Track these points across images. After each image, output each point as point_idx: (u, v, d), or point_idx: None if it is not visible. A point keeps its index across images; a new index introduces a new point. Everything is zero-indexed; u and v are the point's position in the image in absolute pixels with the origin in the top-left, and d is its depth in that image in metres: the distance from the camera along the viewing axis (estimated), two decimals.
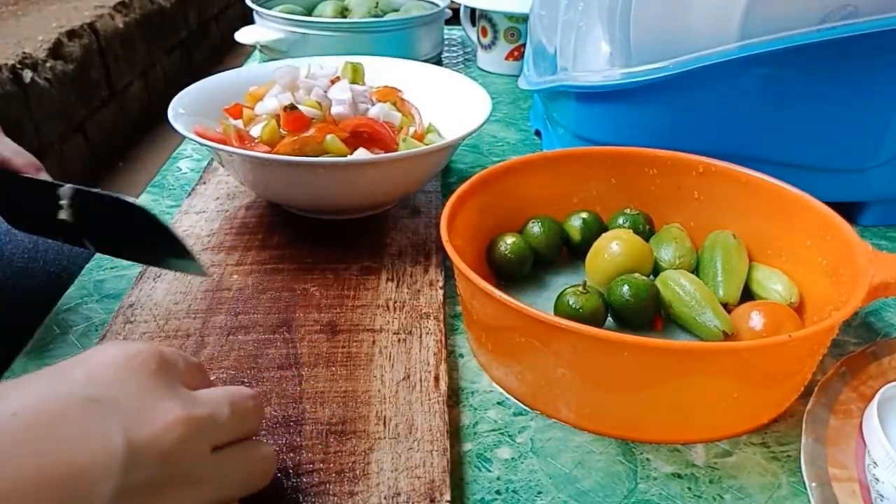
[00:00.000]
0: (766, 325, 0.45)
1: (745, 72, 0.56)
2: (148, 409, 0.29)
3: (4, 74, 1.83)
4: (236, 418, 0.32)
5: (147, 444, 0.28)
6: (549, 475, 0.39)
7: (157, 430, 0.28)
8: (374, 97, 0.63)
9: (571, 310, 0.45)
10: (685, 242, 0.53)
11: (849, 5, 0.53)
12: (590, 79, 0.61)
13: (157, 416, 0.29)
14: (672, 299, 0.47)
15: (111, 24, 2.44)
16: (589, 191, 0.57)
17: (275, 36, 0.95)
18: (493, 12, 1.00)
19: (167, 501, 0.28)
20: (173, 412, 0.29)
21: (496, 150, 0.79)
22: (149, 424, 0.28)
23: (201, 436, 0.30)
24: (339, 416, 0.41)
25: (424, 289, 0.52)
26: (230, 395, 0.33)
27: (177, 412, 0.29)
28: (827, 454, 0.39)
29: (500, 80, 1.02)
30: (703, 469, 0.40)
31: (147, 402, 0.29)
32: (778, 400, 0.43)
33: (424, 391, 0.43)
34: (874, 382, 0.44)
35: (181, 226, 0.60)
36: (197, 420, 0.30)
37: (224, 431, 0.31)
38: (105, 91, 2.37)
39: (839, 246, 0.46)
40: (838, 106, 0.58)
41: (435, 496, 0.36)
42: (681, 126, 0.60)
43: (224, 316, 0.49)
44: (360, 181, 0.56)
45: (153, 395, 0.29)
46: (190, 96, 0.61)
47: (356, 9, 1.04)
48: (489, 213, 0.53)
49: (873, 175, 0.62)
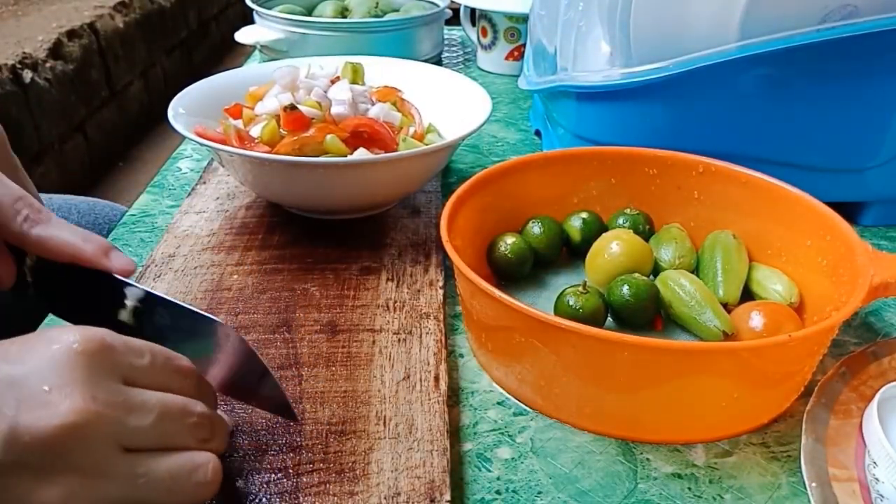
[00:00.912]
0: (766, 325, 0.45)
1: (745, 72, 0.56)
2: (46, 392, 0.28)
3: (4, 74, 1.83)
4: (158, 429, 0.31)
5: (29, 428, 0.27)
6: (549, 475, 0.39)
7: (44, 415, 0.28)
8: (374, 97, 0.63)
9: (571, 310, 0.45)
10: (685, 242, 0.53)
11: (849, 5, 0.53)
12: (590, 79, 0.61)
13: (52, 402, 0.28)
14: (672, 299, 0.47)
15: (111, 24, 2.44)
16: (589, 191, 0.57)
17: (275, 36, 0.95)
18: (493, 12, 1.00)
19: (57, 488, 0.28)
20: (70, 400, 0.28)
21: (496, 150, 0.79)
22: (39, 409, 0.28)
23: (103, 433, 0.29)
24: (339, 416, 0.41)
25: (424, 289, 0.52)
26: (162, 405, 0.31)
27: (74, 401, 0.28)
28: (827, 454, 0.39)
29: (500, 80, 1.02)
30: (703, 469, 0.40)
31: (49, 385, 0.29)
32: (778, 400, 0.43)
33: (424, 391, 0.43)
34: (874, 382, 0.44)
35: (181, 226, 0.60)
36: (98, 415, 0.29)
37: (138, 437, 0.30)
38: (105, 91, 2.37)
39: (839, 246, 0.46)
40: (838, 106, 0.58)
41: (435, 496, 0.36)
42: (681, 126, 0.60)
43: (224, 316, 0.49)
44: (360, 181, 0.56)
45: (62, 380, 0.29)
46: (190, 96, 0.61)
47: (356, 9, 1.04)
48: (489, 213, 0.53)
49: (873, 175, 0.62)
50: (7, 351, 0.30)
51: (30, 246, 0.38)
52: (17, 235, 0.37)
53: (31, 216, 0.37)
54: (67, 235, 0.38)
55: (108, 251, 0.39)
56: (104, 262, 0.38)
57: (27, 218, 0.37)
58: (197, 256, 0.56)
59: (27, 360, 0.29)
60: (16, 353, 0.30)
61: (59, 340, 0.30)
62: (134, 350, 0.32)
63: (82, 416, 0.28)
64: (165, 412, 0.31)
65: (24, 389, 0.28)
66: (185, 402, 0.33)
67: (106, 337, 0.31)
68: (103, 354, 0.31)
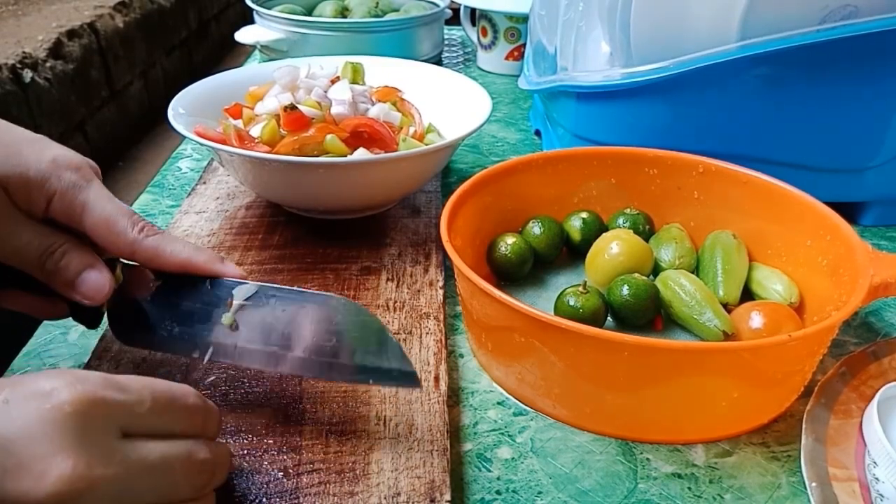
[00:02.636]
0: (766, 325, 0.45)
1: (745, 72, 0.56)
2: (34, 458, 0.26)
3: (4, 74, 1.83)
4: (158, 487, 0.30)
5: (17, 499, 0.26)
6: (549, 475, 0.39)
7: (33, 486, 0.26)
8: (374, 97, 0.63)
9: (571, 310, 0.45)
10: (685, 242, 0.53)
11: (849, 5, 0.53)
12: (590, 79, 0.61)
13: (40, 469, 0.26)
14: (672, 299, 0.47)
15: (111, 24, 2.44)
16: (589, 191, 0.57)
17: (275, 36, 0.95)
18: (493, 12, 1.00)
19: None
20: (60, 469, 0.26)
21: (496, 150, 0.79)
22: (26, 477, 0.26)
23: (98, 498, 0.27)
24: (339, 416, 0.41)
25: (424, 289, 0.52)
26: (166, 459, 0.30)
27: (65, 469, 0.26)
28: (827, 454, 0.39)
29: (500, 80, 1.02)
30: (703, 469, 0.40)
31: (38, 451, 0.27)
32: (778, 400, 0.43)
33: (424, 391, 0.43)
34: (874, 382, 0.44)
35: (181, 226, 0.60)
36: (94, 481, 0.27)
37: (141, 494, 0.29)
38: (105, 91, 2.37)
39: (839, 246, 0.46)
40: (838, 106, 0.58)
41: (435, 496, 0.36)
42: (681, 126, 0.60)
43: None
44: (360, 181, 0.56)
45: (53, 447, 0.27)
46: (190, 96, 0.61)
47: (356, 9, 1.04)
48: (489, 213, 0.53)
49: (873, 175, 0.62)
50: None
51: (142, 254, 0.40)
52: (131, 244, 0.39)
53: (147, 227, 0.40)
54: (181, 245, 0.41)
55: (222, 259, 0.42)
56: (219, 268, 0.41)
57: (143, 228, 0.40)
58: None
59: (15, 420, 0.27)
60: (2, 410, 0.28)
61: (50, 400, 0.28)
62: (132, 397, 0.30)
63: (74, 485, 0.27)
64: (167, 468, 0.30)
65: (12, 456, 0.26)
66: (188, 454, 0.31)
67: (99, 390, 0.29)
68: (98, 411, 0.29)
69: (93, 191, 0.39)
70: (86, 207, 0.39)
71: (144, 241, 0.39)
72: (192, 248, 0.41)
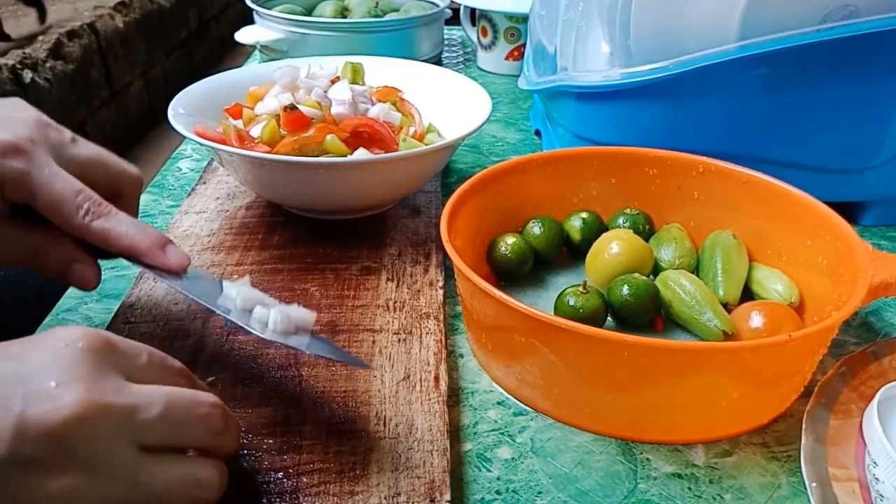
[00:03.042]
0: (766, 325, 0.45)
1: (745, 72, 0.56)
2: (51, 386, 0.28)
3: (4, 74, 1.83)
4: (168, 422, 0.31)
5: (36, 421, 0.28)
6: (549, 475, 0.39)
7: (51, 409, 0.28)
8: (374, 97, 0.63)
9: (571, 310, 0.45)
10: (685, 242, 0.53)
11: (849, 5, 0.53)
12: (590, 79, 0.61)
13: (58, 395, 0.28)
14: (672, 299, 0.47)
15: (111, 24, 2.44)
16: (589, 191, 0.57)
17: (275, 36, 0.95)
18: (493, 12, 1.00)
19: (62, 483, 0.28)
20: (77, 393, 0.28)
21: (496, 150, 0.79)
22: (47, 402, 0.28)
23: (112, 426, 0.29)
24: (339, 416, 0.41)
25: (424, 289, 0.52)
26: (170, 397, 0.31)
27: (81, 394, 0.28)
28: (827, 454, 0.39)
29: (500, 80, 1.02)
30: (703, 469, 0.40)
31: (54, 380, 0.29)
32: (778, 400, 0.43)
33: (424, 391, 0.43)
34: (874, 382, 0.44)
35: (181, 226, 0.60)
36: (106, 407, 0.29)
37: (148, 431, 0.30)
38: (105, 91, 2.37)
39: (839, 246, 0.46)
40: (838, 106, 0.58)
41: (435, 496, 0.36)
42: (681, 126, 0.60)
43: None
44: (360, 181, 0.56)
45: (67, 375, 0.29)
46: (190, 96, 0.61)
47: (356, 9, 1.04)
48: (489, 213, 0.53)
49: (873, 175, 0.62)
50: (11, 351, 0.30)
51: (91, 238, 0.40)
52: (79, 228, 0.40)
53: (92, 209, 0.40)
54: (126, 228, 0.40)
55: (165, 245, 0.41)
56: (159, 257, 0.41)
57: (88, 211, 0.39)
58: (197, 256, 0.56)
59: (32, 357, 0.30)
60: (20, 352, 0.30)
61: (64, 339, 0.30)
62: (133, 349, 0.32)
63: (89, 408, 0.28)
64: (173, 404, 0.31)
65: (31, 385, 0.28)
66: (193, 394, 0.32)
67: (109, 336, 0.31)
68: (107, 351, 0.31)
69: (37, 173, 0.38)
70: (33, 193, 0.39)
71: (91, 225, 0.39)
72: (137, 232, 0.40)
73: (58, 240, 0.41)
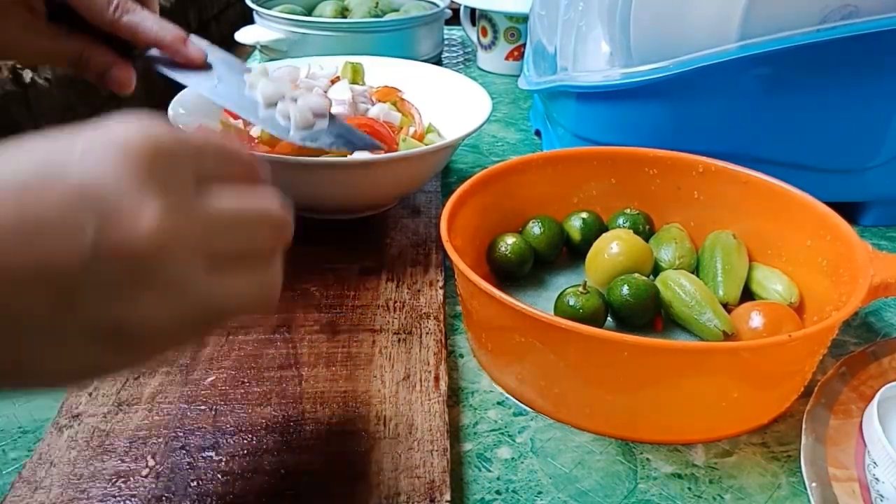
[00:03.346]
0: (766, 325, 0.45)
1: (745, 72, 0.56)
2: (128, 206, 0.26)
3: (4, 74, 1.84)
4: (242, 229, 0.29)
5: (115, 243, 0.25)
6: (549, 475, 0.39)
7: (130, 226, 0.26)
8: (374, 97, 0.63)
9: (571, 310, 0.45)
10: (685, 242, 0.53)
11: (849, 5, 0.53)
12: (590, 79, 0.61)
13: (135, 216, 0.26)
14: (672, 299, 0.47)
15: None
16: (589, 191, 0.57)
17: (275, 36, 0.95)
18: (493, 12, 1.00)
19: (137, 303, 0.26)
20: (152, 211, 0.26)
21: (496, 150, 0.79)
22: (124, 219, 0.26)
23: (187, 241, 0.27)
24: (339, 416, 0.41)
25: (424, 289, 0.52)
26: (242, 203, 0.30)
27: (158, 210, 0.26)
28: (827, 454, 0.39)
29: (500, 80, 1.02)
30: (703, 469, 0.40)
31: (130, 198, 0.26)
32: (778, 400, 0.43)
33: (424, 391, 0.43)
34: (874, 382, 0.44)
35: None
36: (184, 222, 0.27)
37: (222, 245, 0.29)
38: (105, 91, 2.37)
39: (839, 246, 0.46)
40: (838, 106, 0.58)
41: (435, 496, 0.36)
42: (681, 126, 0.60)
43: None
44: (360, 181, 0.56)
45: (140, 191, 0.26)
46: (190, 96, 0.61)
47: (356, 9, 1.04)
48: (489, 213, 0.53)
49: (873, 175, 0.62)
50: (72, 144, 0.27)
51: (120, 32, 0.46)
52: (111, 23, 0.46)
53: (122, 5, 0.46)
54: (151, 23, 0.47)
55: (185, 39, 0.49)
56: (182, 49, 0.48)
57: (118, 7, 0.46)
58: None
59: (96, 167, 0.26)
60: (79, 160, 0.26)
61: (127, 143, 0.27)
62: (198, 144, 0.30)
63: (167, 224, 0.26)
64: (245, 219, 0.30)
65: (102, 203, 0.25)
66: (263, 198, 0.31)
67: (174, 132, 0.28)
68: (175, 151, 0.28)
69: None
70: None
71: (121, 19, 0.46)
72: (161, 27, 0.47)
73: (98, 46, 0.47)
